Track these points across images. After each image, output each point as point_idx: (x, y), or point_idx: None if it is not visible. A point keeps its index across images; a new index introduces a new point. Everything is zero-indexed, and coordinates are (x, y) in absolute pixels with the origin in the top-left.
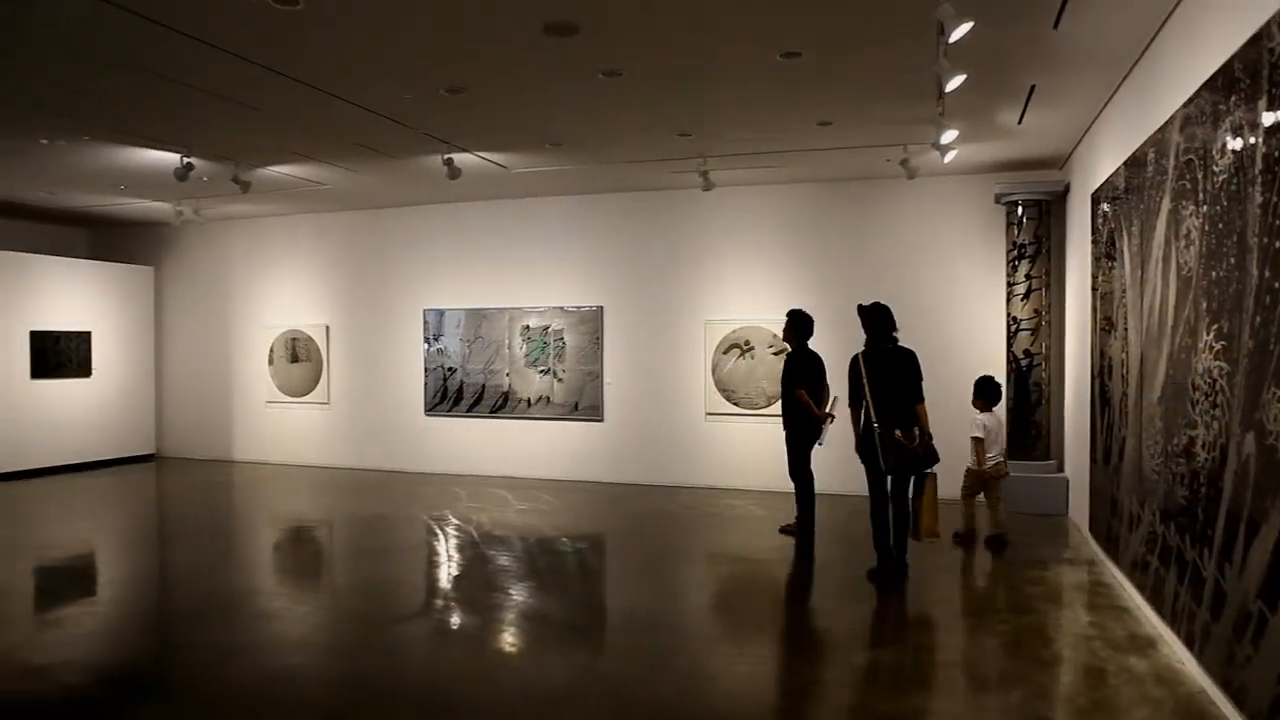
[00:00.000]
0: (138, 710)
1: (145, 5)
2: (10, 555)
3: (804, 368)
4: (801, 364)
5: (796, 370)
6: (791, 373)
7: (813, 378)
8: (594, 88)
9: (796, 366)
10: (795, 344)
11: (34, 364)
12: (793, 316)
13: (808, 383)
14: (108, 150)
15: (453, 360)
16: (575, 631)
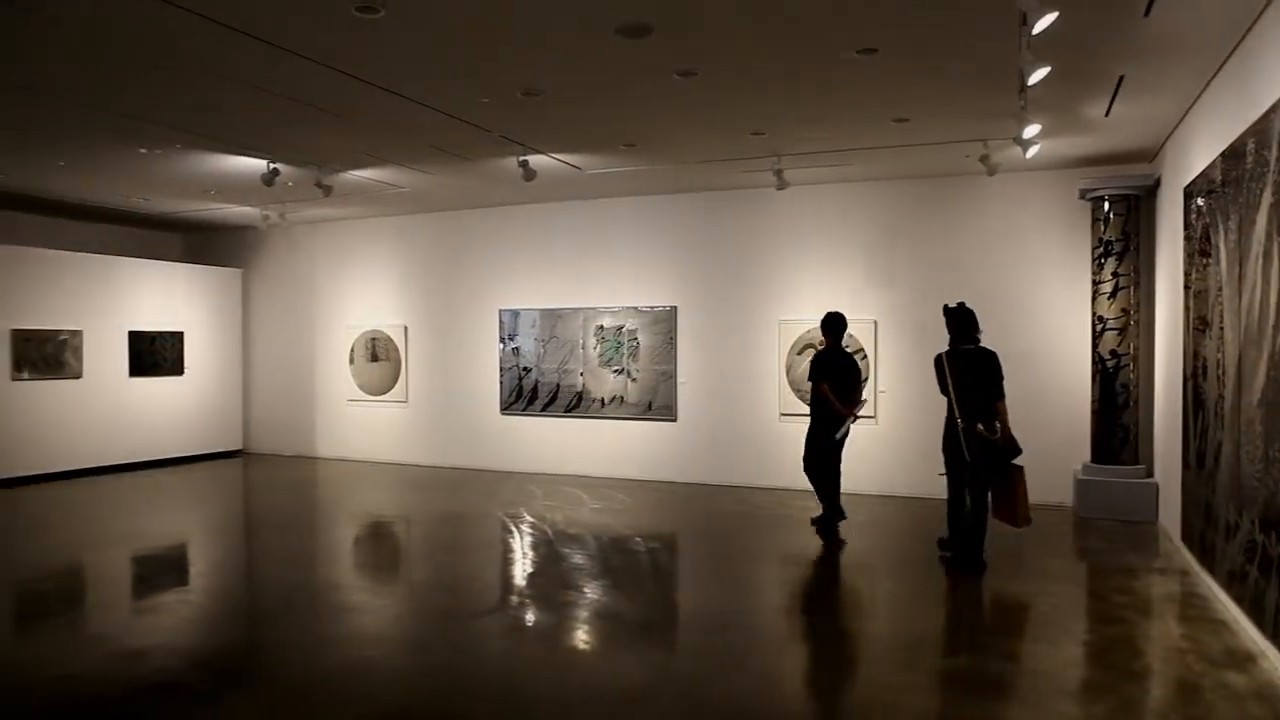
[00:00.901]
0: (227, 695)
1: (234, 17)
2: (111, 545)
3: (828, 364)
4: (826, 361)
5: (819, 366)
6: (815, 368)
7: (839, 375)
8: (668, 88)
9: (820, 363)
10: (828, 342)
11: (132, 363)
12: (825, 317)
13: (832, 379)
14: (199, 157)
15: (528, 360)
16: (648, 630)
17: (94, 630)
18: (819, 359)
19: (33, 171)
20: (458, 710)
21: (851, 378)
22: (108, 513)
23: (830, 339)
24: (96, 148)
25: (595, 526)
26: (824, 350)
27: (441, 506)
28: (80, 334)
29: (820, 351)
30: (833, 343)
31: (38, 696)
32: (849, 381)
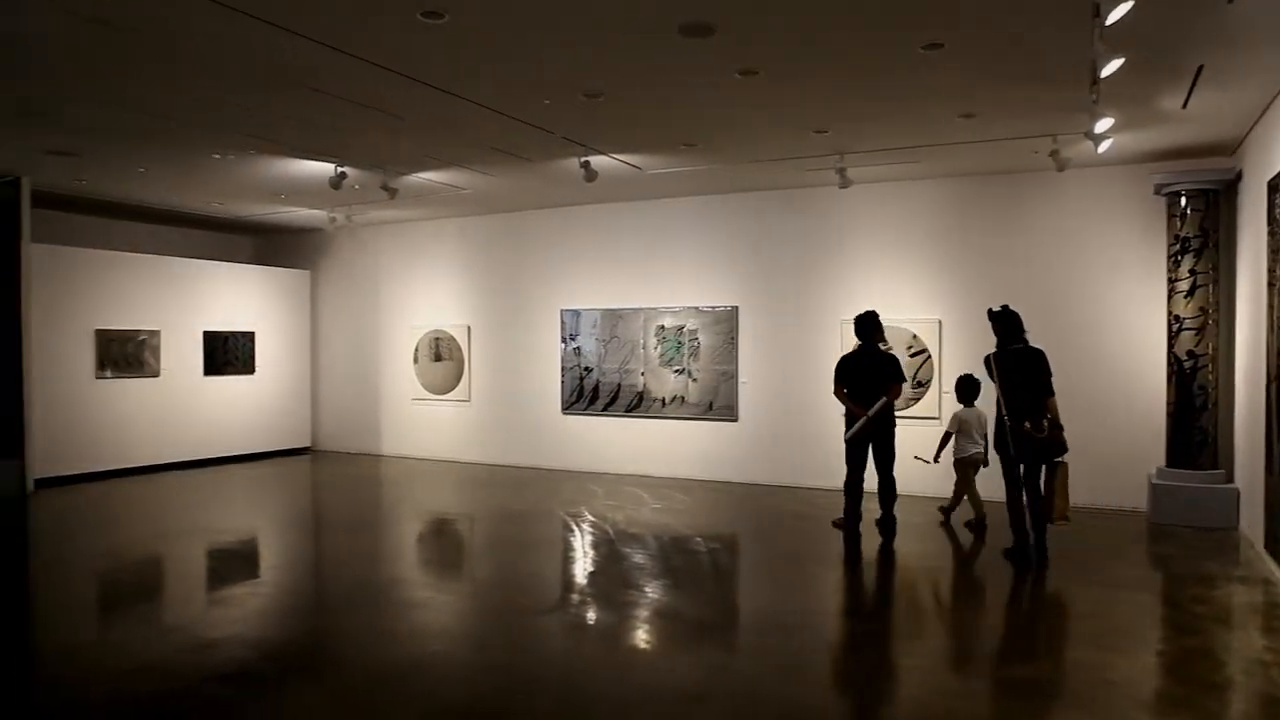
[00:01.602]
0: (296, 686)
1: (303, 25)
2: (186, 538)
3: (850, 365)
4: (844, 365)
5: (836, 369)
6: (835, 372)
7: (862, 375)
8: (730, 87)
9: (838, 366)
10: (861, 343)
11: (206, 362)
12: (856, 318)
13: (852, 381)
14: (270, 162)
15: (589, 360)
16: (707, 630)
17: (170, 621)
18: (840, 362)
19: (115, 179)
20: (519, 706)
21: (880, 378)
22: (183, 507)
23: (861, 339)
24: (175, 155)
25: (655, 526)
26: (848, 353)
27: (503, 505)
28: (158, 334)
29: (844, 355)
30: (865, 342)
31: (118, 684)
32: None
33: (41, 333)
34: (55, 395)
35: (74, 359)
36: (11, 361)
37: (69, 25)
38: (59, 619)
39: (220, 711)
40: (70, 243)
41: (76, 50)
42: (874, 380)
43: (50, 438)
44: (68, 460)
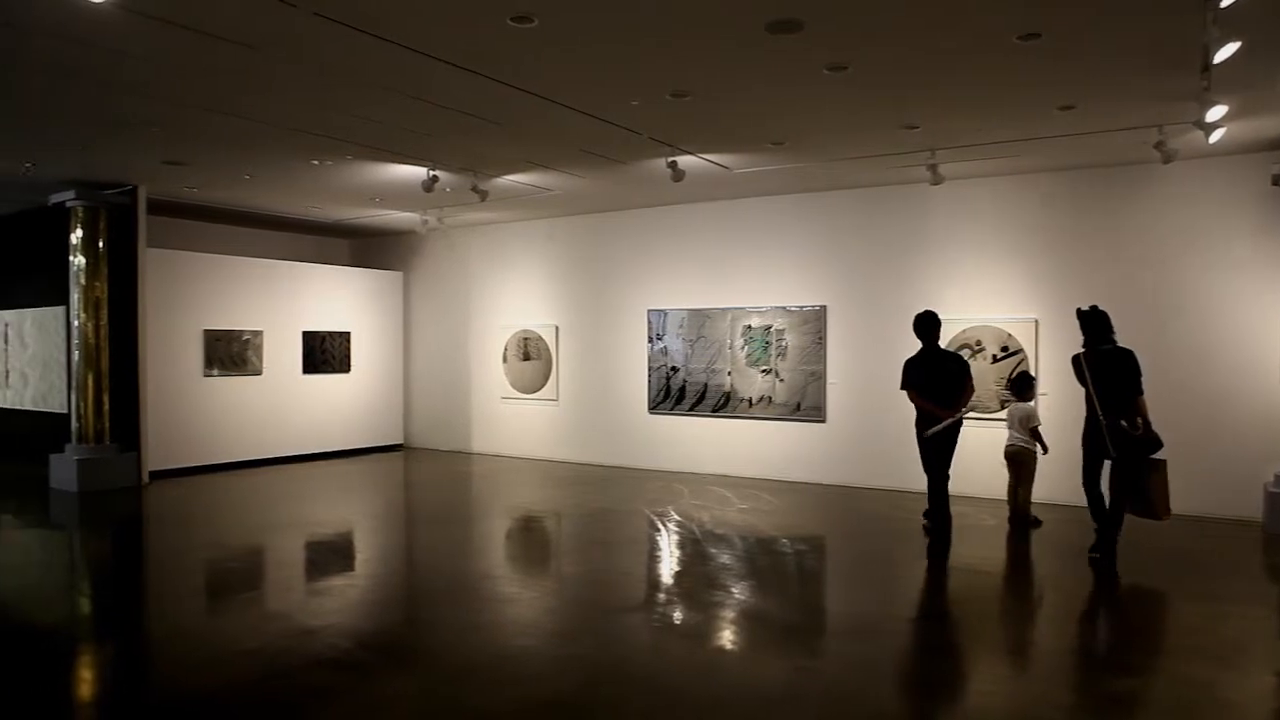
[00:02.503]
0: (391, 674)
1: (400, 33)
2: (287, 530)
3: (917, 366)
4: (912, 366)
5: (905, 371)
6: (903, 374)
7: (931, 377)
8: (818, 84)
9: (906, 367)
10: (922, 344)
11: (305, 361)
12: (915, 319)
13: (919, 383)
14: (366, 167)
15: (675, 359)
16: (795, 633)
17: (273, 608)
18: (907, 365)
19: (222, 185)
20: (605, 701)
21: (956, 378)
22: (283, 500)
23: (923, 340)
24: (277, 161)
25: (742, 527)
26: (914, 355)
27: (590, 503)
28: (261, 334)
29: (910, 357)
30: (926, 345)
31: (226, 667)
32: (952, 382)
33: (155, 333)
34: (167, 392)
35: (184, 358)
36: (129, 361)
37: (189, 42)
38: (173, 603)
39: (320, 697)
40: (180, 247)
41: (193, 66)
42: (943, 380)
43: (162, 432)
44: (178, 454)
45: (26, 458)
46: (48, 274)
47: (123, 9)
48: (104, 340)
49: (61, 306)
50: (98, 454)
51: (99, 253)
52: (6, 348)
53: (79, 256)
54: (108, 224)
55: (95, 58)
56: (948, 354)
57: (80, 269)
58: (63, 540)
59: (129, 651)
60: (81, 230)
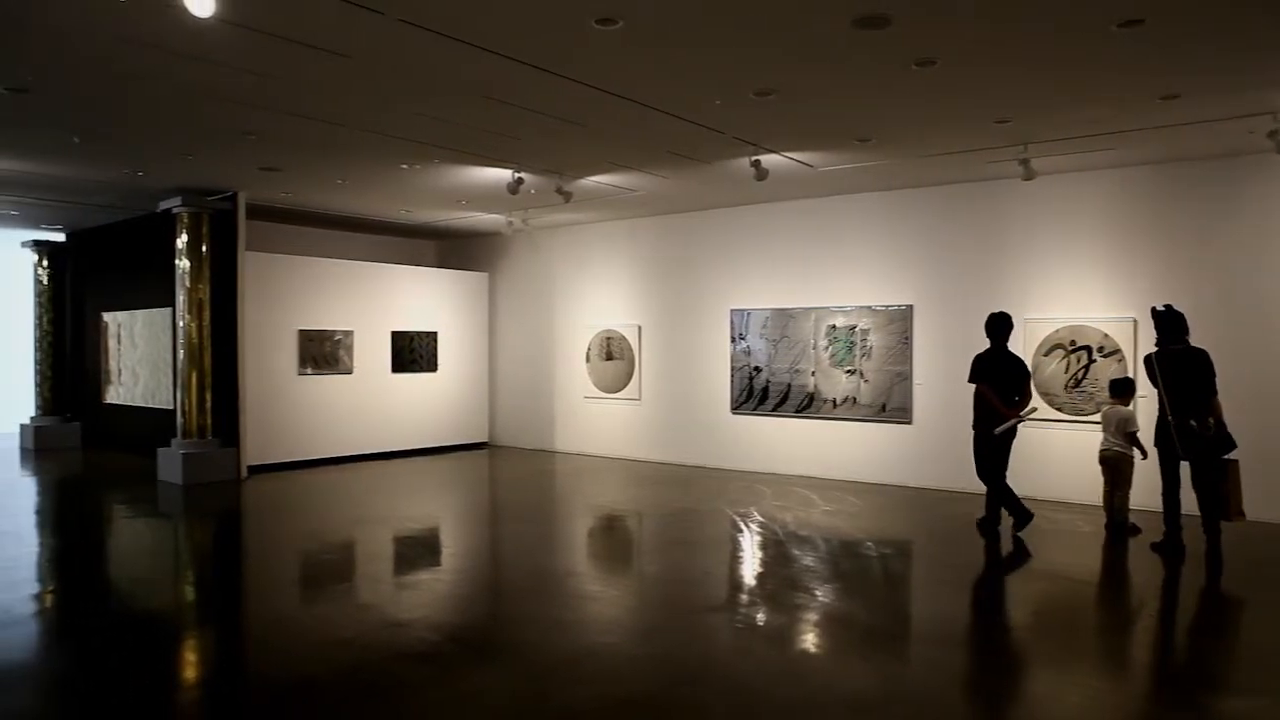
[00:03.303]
0: (476, 668)
1: (486, 39)
2: (377, 524)
3: (985, 366)
4: (983, 363)
5: (977, 367)
6: (973, 369)
7: (998, 376)
8: (906, 79)
9: (975, 365)
10: (991, 343)
11: (393, 360)
12: (987, 319)
13: (989, 381)
14: (453, 170)
15: (758, 359)
16: (880, 638)
17: (364, 600)
18: (977, 360)
19: (316, 190)
20: (687, 701)
21: (1016, 380)
22: (373, 495)
23: (993, 340)
24: (369, 166)
25: (826, 529)
26: (984, 352)
27: (672, 502)
28: (352, 334)
29: (980, 353)
30: (995, 344)
31: (321, 656)
32: (1012, 383)
33: (253, 333)
34: (264, 390)
35: (280, 357)
36: (230, 359)
37: (285, 53)
38: (271, 592)
39: (410, 688)
40: (277, 250)
41: (289, 75)
42: (1009, 381)
43: (259, 428)
44: (274, 449)
45: (136, 451)
46: (156, 277)
47: (226, 23)
48: (206, 340)
49: (168, 308)
50: (201, 448)
51: (202, 256)
52: (119, 347)
53: (184, 260)
54: (210, 229)
55: (199, 70)
56: (1013, 356)
57: (185, 272)
58: (169, 530)
59: (231, 637)
60: (186, 235)
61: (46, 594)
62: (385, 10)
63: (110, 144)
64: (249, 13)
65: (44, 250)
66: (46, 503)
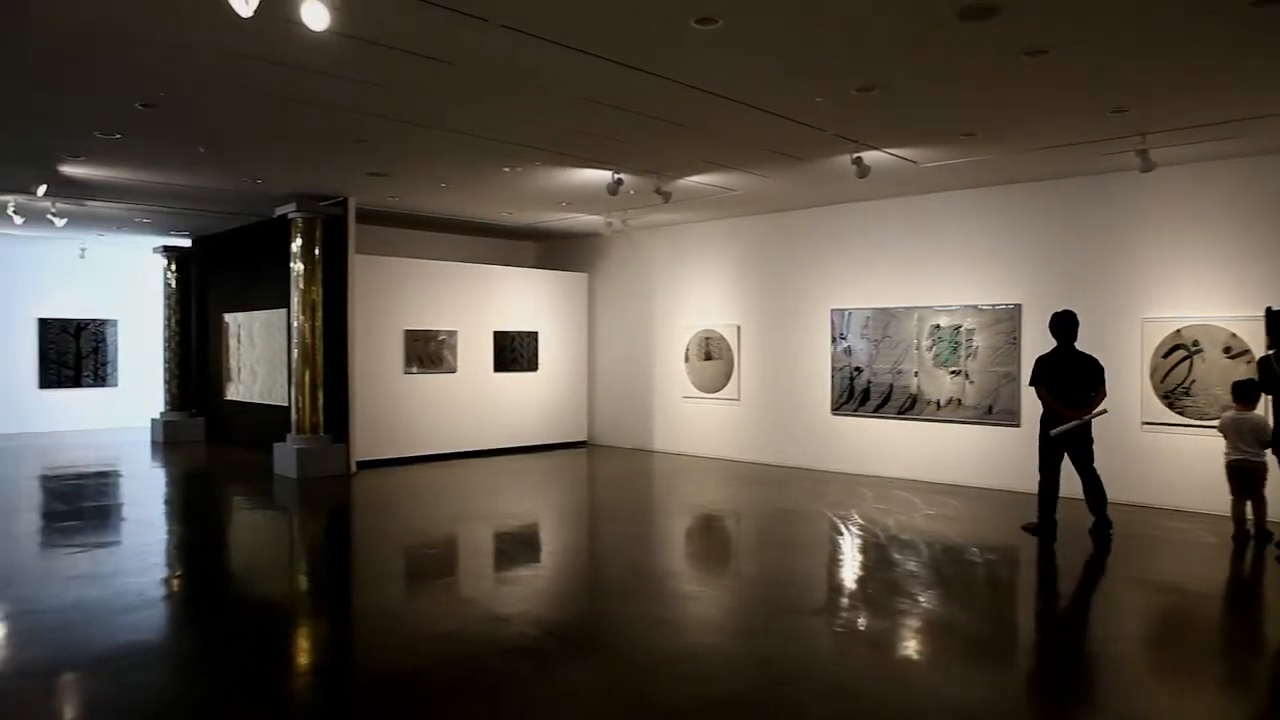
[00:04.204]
0: (576, 664)
1: (586, 42)
2: (479, 521)
3: (1047, 366)
4: (1046, 362)
5: (1036, 367)
6: (1034, 369)
7: (1064, 377)
8: (1014, 70)
9: (1039, 364)
10: (1056, 343)
11: (495, 359)
12: (1051, 318)
13: (1051, 382)
14: (554, 172)
15: (859, 360)
16: (985, 647)
17: (467, 594)
18: (1039, 361)
19: (422, 193)
20: (786, 703)
21: (1086, 379)
22: (475, 492)
23: (1059, 339)
24: (472, 170)
25: (928, 533)
26: (1047, 353)
27: (771, 503)
28: (455, 334)
29: (1042, 355)
30: (1062, 343)
31: (425, 648)
32: (1081, 383)
33: (362, 333)
34: (372, 388)
35: (387, 356)
36: (340, 359)
37: (392, 61)
38: (378, 584)
39: (511, 682)
40: (384, 253)
41: (396, 83)
42: (1075, 381)
43: (368, 425)
44: (381, 446)
45: (254, 445)
46: (272, 279)
47: (338, 35)
48: (319, 340)
49: (283, 309)
50: (313, 444)
51: (315, 259)
52: (239, 347)
53: (298, 263)
54: (322, 233)
55: (314, 82)
56: (1084, 355)
57: (299, 274)
58: (284, 522)
59: (341, 626)
60: (300, 239)
61: (174, 579)
62: (489, 17)
63: (232, 154)
64: (360, 25)
65: (172, 255)
66: (174, 493)
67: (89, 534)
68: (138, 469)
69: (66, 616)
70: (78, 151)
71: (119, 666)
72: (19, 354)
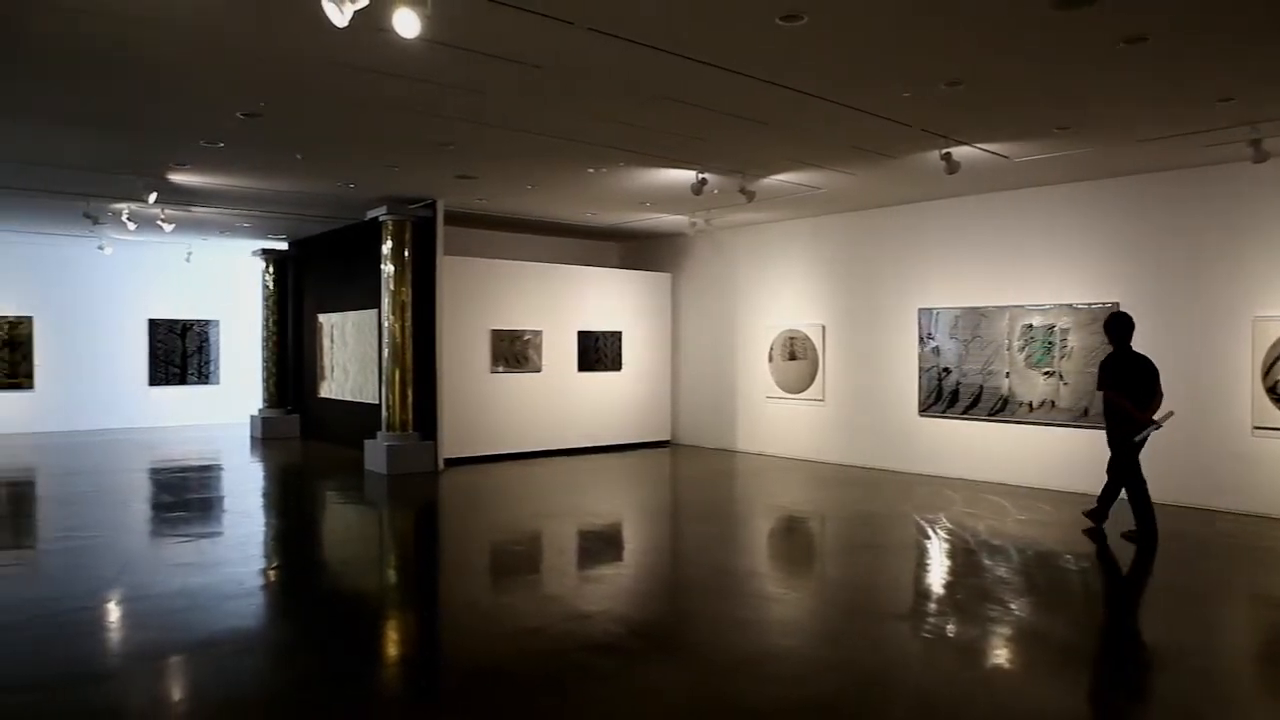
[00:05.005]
0: (659, 662)
1: (669, 40)
2: (562, 518)
3: (1114, 369)
4: (1113, 365)
5: (1103, 371)
6: (1100, 373)
7: (1129, 380)
8: (1112, 59)
9: (1105, 368)
10: (1114, 346)
11: (579, 359)
12: (1107, 319)
13: (1120, 385)
14: (638, 173)
15: (948, 360)
16: (1081, 658)
17: (551, 591)
18: (1105, 365)
19: (508, 195)
20: (872, 709)
21: (1146, 382)
22: (560, 490)
23: (1116, 342)
24: (557, 172)
25: (1020, 539)
26: (1110, 356)
27: (856, 506)
28: (540, 334)
29: (1106, 356)
30: (1118, 347)
31: (511, 643)
32: (1143, 386)
33: (450, 333)
34: (459, 387)
35: (474, 356)
36: (429, 358)
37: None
38: (465, 579)
39: (595, 678)
40: (470, 254)
41: (485, 88)
42: (1140, 384)
43: (455, 423)
44: (468, 443)
45: (346, 442)
46: (364, 281)
47: (428, 42)
48: (408, 339)
49: (374, 309)
50: (402, 441)
51: (404, 261)
52: (331, 346)
53: (388, 265)
54: (412, 235)
55: (405, 88)
56: (1141, 357)
57: (389, 276)
58: (374, 516)
59: (428, 620)
60: (390, 241)
61: (272, 569)
62: (574, 20)
63: (327, 159)
64: (449, 31)
65: (270, 258)
66: (271, 487)
67: (194, 525)
68: (237, 463)
69: (174, 603)
70: (184, 160)
71: (222, 652)
72: (132, 353)
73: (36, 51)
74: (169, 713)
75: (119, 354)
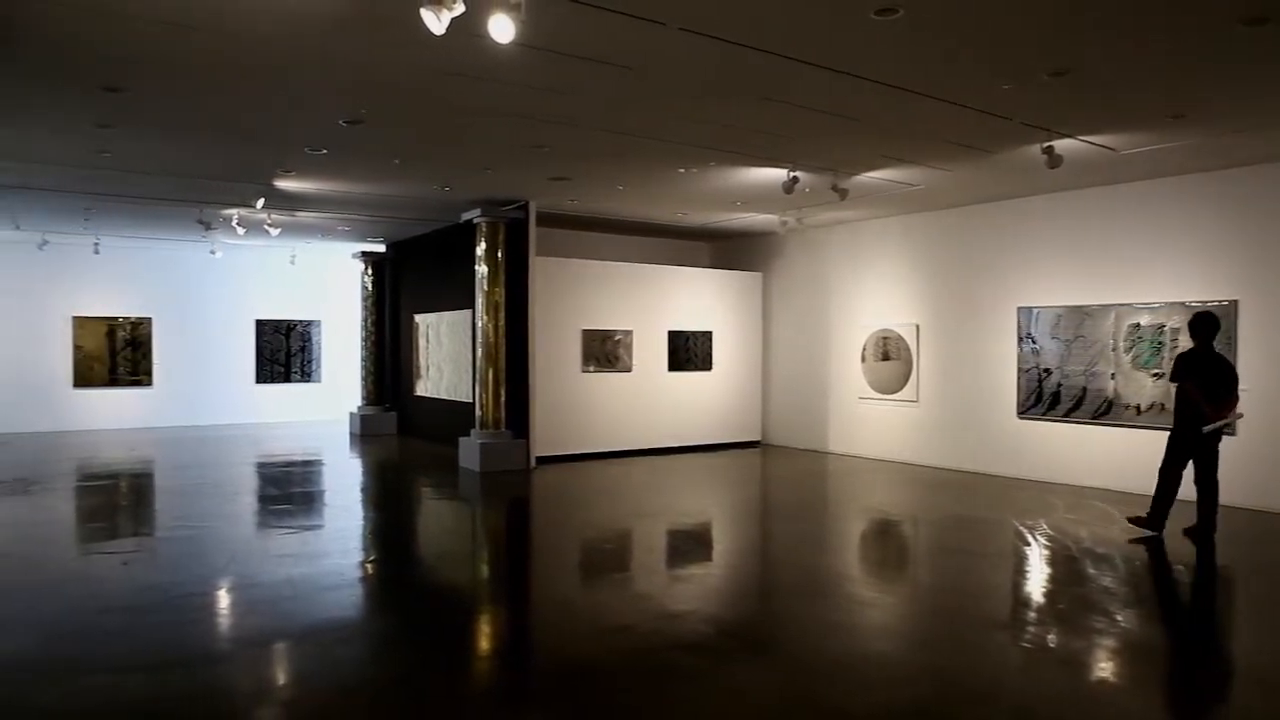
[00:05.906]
0: (748, 663)
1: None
2: (653, 518)
3: (1190, 366)
4: (1189, 362)
5: (1182, 365)
6: (1175, 365)
7: (1204, 377)
8: (1231, 43)
9: (1179, 364)
10: (1195, 343)
11: (670, 359)
12: (1192, 318)
13: (1197, 380)
14: (728, 172)
15: (1049, 360)
16: (1193, 676)
17: (641, 589)
18: (1181, 359)
19: (599, 196)
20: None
21: (1222, 381)
22: (649, 489)
23: (1198, 340)
24: (647, 172)
25: (1125, 547)
26: (1188, 351)
27: (951, 510)
28: (631, 333)
29: (1185, 351)
30: (1201, 344)
31: (601, 640)
32: (1219, 385)
33: (542, 332)
34: (551, 386)
35: (565, 355)
36: (521, 357)
37: (574, 69)
38: (556, 576)
39: (684, 678)
40: (562, 255)
41: (578, 90)
42: (1215, 382)
43: (547, 422)
44: (559, 442)
45: (440, 439)
46: (458, 282)
47: (522, 46)
48: (501, 339)
49: (467, 310)
50: (495, 439)
51: (498, 262)
52: (427, 345)
53: (482, 266)
54: (505, 237)
55: (500, 91)
56: (1221, 357)
57: (483, 277)
58: (468, 512)
59: (521, 615)
60: (484, 243)
61: (369, 562)
62: (666, 20)
63: (424, 164)
64: (542, 35)
65: (369, 260)
66: (369, 482)
67: (297, 517)
68: (337, 458)
69: (279, 591)
70: (289, 166)
71: (324, 640)
72: (241, 352)
73: (164, 70)
74: (278, 697)
75: (228, 353)
